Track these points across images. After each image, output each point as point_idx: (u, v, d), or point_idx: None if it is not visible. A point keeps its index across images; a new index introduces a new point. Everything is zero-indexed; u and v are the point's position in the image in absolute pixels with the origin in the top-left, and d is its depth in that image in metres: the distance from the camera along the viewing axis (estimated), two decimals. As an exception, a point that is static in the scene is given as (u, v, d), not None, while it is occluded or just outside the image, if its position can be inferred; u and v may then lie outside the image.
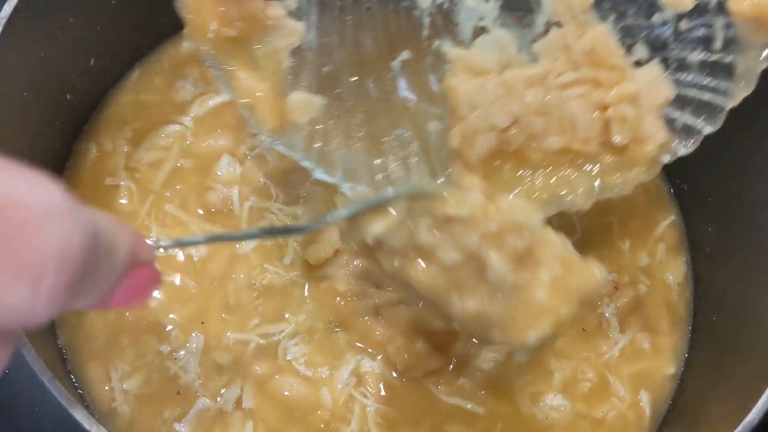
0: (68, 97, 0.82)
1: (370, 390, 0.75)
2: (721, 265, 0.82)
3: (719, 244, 0.82)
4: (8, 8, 0.68)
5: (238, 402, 0.73)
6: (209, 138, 0.85)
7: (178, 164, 0.84)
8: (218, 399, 0.73)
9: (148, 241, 0.47)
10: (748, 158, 0.77)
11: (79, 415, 0.58)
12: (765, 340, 0.70)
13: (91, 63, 0.83)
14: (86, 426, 0.58)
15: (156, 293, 0.76)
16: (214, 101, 0.87)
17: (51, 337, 0.75)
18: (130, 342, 0.75)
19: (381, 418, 0.74)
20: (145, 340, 0.75)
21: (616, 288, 0.81)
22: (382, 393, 0.75)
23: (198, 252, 0.79)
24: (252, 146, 0.84)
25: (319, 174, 0.65)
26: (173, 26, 0.83)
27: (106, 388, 0.73)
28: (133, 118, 0.86)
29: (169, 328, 0.76)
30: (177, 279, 0.78)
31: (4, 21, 0.67)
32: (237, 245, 0.79)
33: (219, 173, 0.83)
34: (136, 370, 0.74)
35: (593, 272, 0.58)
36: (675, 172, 0.89)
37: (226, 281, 0.78)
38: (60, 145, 0.83)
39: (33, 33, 0.72)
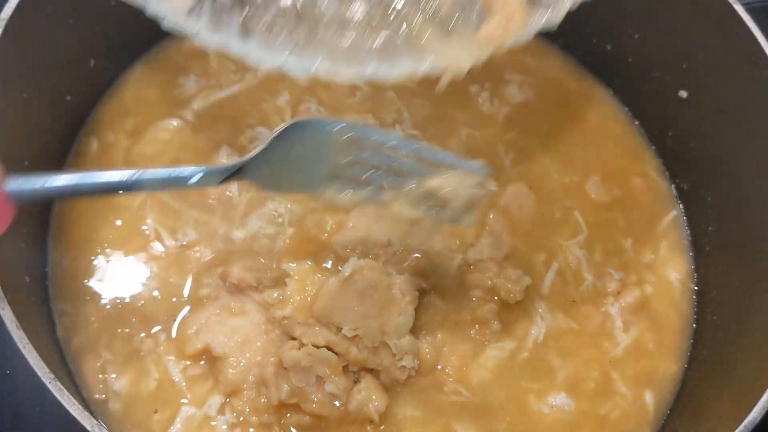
0: (68, 98, 0.82)
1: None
2: (721, 265, 0.82)
3: (719, 244, 0.82)
4: (8, 9, 0.68)
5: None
6: (209, 130, 0.85)
7: (178, 156, 0.83)
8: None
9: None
10: (746, 158, 0.77)
11: (80, 416, 0.58)
12: (765, 340, 0.70)
13: (91, 64, 0.83)
14: (87, 427, 0.58)
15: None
16: (216, 96, 0.87)
17: (50, 330, 0.74)
18: (122, 335, 0.75)
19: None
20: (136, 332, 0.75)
21: (619, 292, 0.81)
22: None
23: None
24: (251, 137, 0.84)
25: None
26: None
27: (100, 376, 0.73)
28: (134, 112, 0.86)
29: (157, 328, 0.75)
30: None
31: (4, 21, 0.68)
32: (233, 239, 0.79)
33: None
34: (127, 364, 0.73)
35: None
36: (676, 172, 0.89)
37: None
38: (60, 143, 0.83)
39: (33, 33, 0.72)
